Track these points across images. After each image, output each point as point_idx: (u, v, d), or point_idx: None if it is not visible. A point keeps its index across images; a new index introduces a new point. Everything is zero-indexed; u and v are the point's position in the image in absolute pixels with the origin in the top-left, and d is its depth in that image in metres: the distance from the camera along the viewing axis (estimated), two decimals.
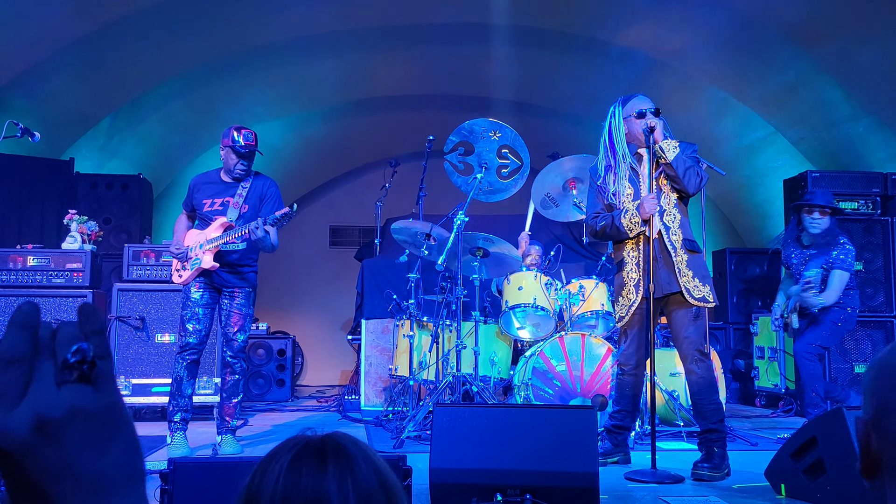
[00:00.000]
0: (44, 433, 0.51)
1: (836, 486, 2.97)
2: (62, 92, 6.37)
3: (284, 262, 9.87)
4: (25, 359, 0.53)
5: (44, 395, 0.52)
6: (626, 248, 3.90)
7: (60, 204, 6.32)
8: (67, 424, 0.52)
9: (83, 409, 0.52)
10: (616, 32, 6.68)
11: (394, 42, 7.13)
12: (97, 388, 0.54)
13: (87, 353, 0.53)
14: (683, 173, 3.74)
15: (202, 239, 4.27)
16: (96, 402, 0.53)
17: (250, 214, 4.26)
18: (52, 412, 0.51)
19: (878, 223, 6.00)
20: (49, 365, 0.53)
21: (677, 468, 3.66)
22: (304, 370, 9.29)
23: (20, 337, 0.53)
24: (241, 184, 4.34)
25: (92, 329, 0.55)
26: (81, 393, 0.53)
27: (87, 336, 0.55)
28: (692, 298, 3.73)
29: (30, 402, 0.51)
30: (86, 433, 0.52)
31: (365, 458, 0.76)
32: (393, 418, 5.29)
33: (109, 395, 0.54)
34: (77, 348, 0.53)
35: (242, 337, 4.31)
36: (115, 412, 0.54)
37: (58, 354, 0.53)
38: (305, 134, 8.69)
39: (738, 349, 7.32)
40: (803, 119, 6.99)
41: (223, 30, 6.43)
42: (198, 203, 4.36)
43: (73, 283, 5.32)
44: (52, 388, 0.52)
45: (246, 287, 4.35)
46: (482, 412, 3.07)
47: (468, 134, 5.13)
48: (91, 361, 0.53)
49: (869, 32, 5.74)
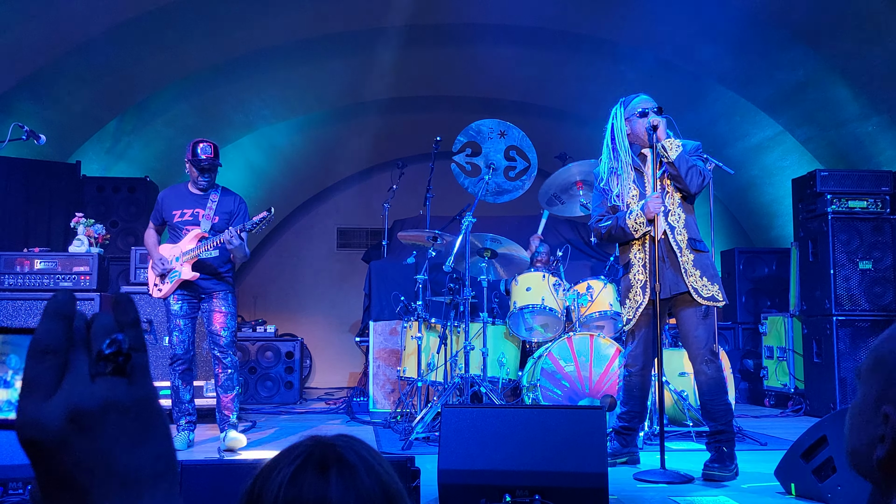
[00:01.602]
0: (78, 425, 0.51)
1: (846, 485, 2.95)
2: (68, 95, 6.39)
3: (292, 264, 9.88)
4: (60, 349, 0.52)
5: (78, 386, 0.51)
6: (632, 250, 3.89)
7: (67, 207, 6.33)
8: (101, 417, 0.51)
9: (117, 402, 0.52)
10: (623, 32, 6.66)
11: (400, 43, 7.13)
12: (132, 381, 0.53)
13: (122, 345, 0.52)
14: (686, 172, 3.72)
15: (177, 252, 4.44)
16: (130, 395, 0.52)
17: (221, 226, 4.44)
18: (86, 404, 0.51)
19: (887, 222, 5.97)
20: (84, 356, 0.53)
21: (687, 468, 3.64)
22: (312, 372, 9.29)
23: (55, 327, 0.52)
24: (210, 196, 4.51)
25: (127, 321, 0.54)
26: (116, 386, 0.52)
27: (123, 328, 0.54)
28: (700, 298, 3.71)
29: (64, 394, 0.51)
30: (120, 426, 0.52)
31: (368, 468, 0.74)
32: (401, 420, 5.28)
33: (144, 388, 0.53)
34: (112, 340, 0.52)
35: (227, 332, 4.42)
36: (149, 406, 0.53)
37: (93, 346, 0.53)
38: (312, 136, 8.69)
39: (747, 349, 7.29)
40: (812, 118, 6.95)
41: (229, 32, 6.44)
42: (168, 215, 4.52)
43: (80, 287, 5.33)
44: (86, 380, 0.52)
45: (224, 289, 4.48)
46: (490, 413, 3.05)
47: (475, 135, 5.12)
48: (126, 354, 0.52)
49: (877, 31, 5.70)
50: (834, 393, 5.77)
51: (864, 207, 5.97)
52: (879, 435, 0.81)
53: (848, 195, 5.98)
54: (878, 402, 0.83)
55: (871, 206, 5.98)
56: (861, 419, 0.86)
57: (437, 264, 5.44)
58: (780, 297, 7.18)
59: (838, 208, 5.95)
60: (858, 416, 0.86)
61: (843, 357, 5.82)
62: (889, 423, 0.80)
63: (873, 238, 5.94)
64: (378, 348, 6.28)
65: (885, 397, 0.82)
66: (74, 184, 6.69)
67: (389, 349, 6.31)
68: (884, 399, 0.82)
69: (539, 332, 5.36)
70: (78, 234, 5.47)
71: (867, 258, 5.92)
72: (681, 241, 3.77)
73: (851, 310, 5.88)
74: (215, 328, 4.42)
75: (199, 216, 4.46)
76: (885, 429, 0.81)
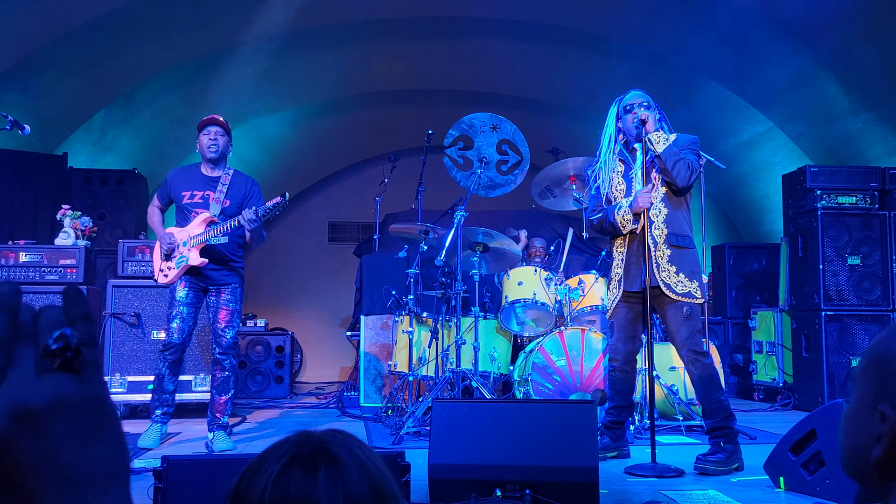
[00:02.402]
0: (22, 424, 0.48)
1: (835, 479, 2.97)
2: (55, 86, 6.32)
3: (283, 258, 9.84)
4: (3, 344, 0.49)
5: (23, 383, 0.49)
6: (615, 244, 3.96)
7: (54, 199, 6.27)
8: (48, 415, 0.49)
9: (65, 400, 0.49)
10: (615, 27, 6.66)
11: (392, 36, 7.10)
12: (81, 378, 0.50)
13: (70, 340, 0.50)
14: (673, 165, 3.73)
15: (185, 236, 4.20)
16: (80, 392, 0.50)
17: (232, 210, 4.22)
18: (31, 402, 0.48)
19: (875, 217, 5.99)
20: (30, 351, 0.50)
21: (677, 462, 3.65)
22: (303, 367, 9.27)
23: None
24: (221, 179, 4.30)
25: (77, 314, 0.52)
26: (64, 382, 0.50)
27: (72, 321, 0.51)
28: (674, 294, 3.71)
29: (7, 390, 0.48)
30: (68, 425, 0.49)
31: (358, 466, 0.72)
32: (392, 414, 5.27)
33: (94, 385, 0.51)
34: (60, 334, 0.50)
35: (231, 333, 4.25)
36: (99, 404, 0.51)
37: (39, 340, 0.50)
38: (303, 129, 8.64)
39: (737, 344, 7.32)
40: (802, 114, 6.97)
41: (219, 22, 6.39)
42: (176, 195, 4.30)
43: (66, 280, 5.28)
44: (31, 377, 0.49)
45: (233, 282, 4.29)
46: (481, 407, 3.04)
47: (468, 128, 5.10)
48: (75, 349, 0.50)
49: (868, 28, 5.72)
50: (822, 387, 5.81)
51: (853, 203, 6.00)
52: (876, 434, 0.80)
53: (837, 191, 6.00)
54: (874, 401, 0.82)
55: (860, 202, 6.00)
56: (856, 421, 0.84)
57: (429, 258, 5.42)
58: (769, 293, 7.21)
59: (828, 204, 5.97)
60: (854, 418, 0.85)
61: (831, 352, 5.85)
62: (886, 421, 0.79)
63: (862, 233, 5.97)
64: (369, 343, 6.26)
65: (880, 396, 0.81)
66: (61, 176, 6.62)
67: (381, 343, 6.29)
68: (879, 398, 0.81)
69: (530, 326, 5.36)
70: (64, 227, 5.41)
71: (856, 253, 5.95)
72: (657, 235, 3.77)
73: (840, 305, 5.91)
74: (220, 326, 4.23)
75: (209, 199, 4.22)
76: (882, 428, 0.79)
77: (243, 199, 4.28)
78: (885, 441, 0.79)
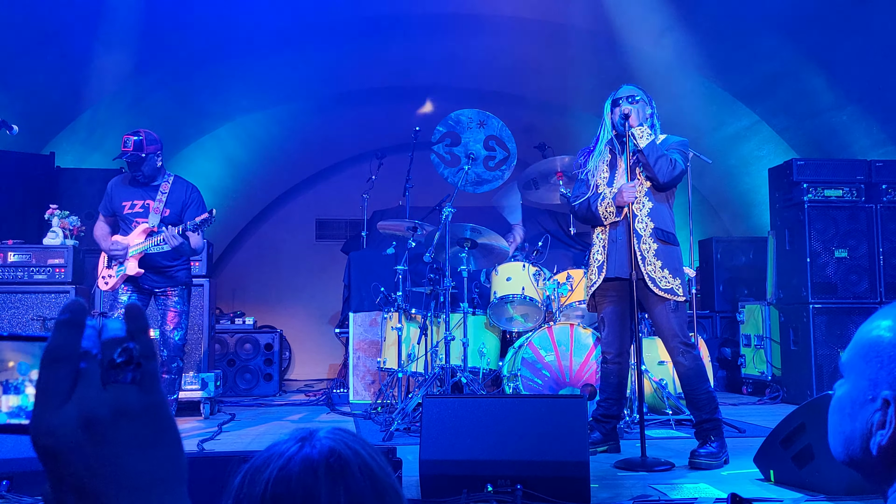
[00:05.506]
0: (90, 432, 0.52)
1: (824, 472, 2.98)
2: (42, 86, 6.27)
3: (271, 256, 9.81)
4: (73, 358, 0.54)
5: (90, 394, 0.53)
6: (596, 231, 3.98)
7: (41, 199, 6.22)
8: (113, 424, 0.53)
9: (128, 410, 0.54)
10: (601, 22, 6.66)
11: (380, 33, 7.07)
12: (142, 389, 0.55)
13: (133, 353, 0.55)
14: (655, 161, 3.75)
15: (126, 245, 4.27)
16: (141, 402, 0.54)
17: (172, 218, 4.28)
18: (98, 411, 0.53)
19: (862, 210, 6.04)
20: (96, 364, 0.55)
21: (667, 456, 3.67)
22: (291, 364, 9.25)
23: (68, 335, 0.54)
24: (161, 187, 4.33)
25: (138, 329, 0.56)
26: (127, 393, 0.54)
27: (133, 336, 0.56)
28: (657, 289, 3.73)
29: (77, 401, 0.53)
30: (131, 432, 0.53)
31: (361, 466, 0.73)
32: (382, 411, 5.27)
33: (154, 395, 0.55)
34: (124, 349, 0.55)
35: (179, 334, 4.30)
36: (159, 413, 0.55)
37: (104, 354, 0.55)
38: (290, 126, 8.60)
39: (725, 337, 7.36)
40: (788, 108, 7.01)
41: (206, 20, 6.35)
42: (117, 206, 4.35)
43: (55, 279, 5.24)
44: (98, 388, 0.54)
45: (178, 286, 4.34)
46: (472, 403, 3.05)
47: (455, 124, 5.10)
48: (137, 362, 0.55)
49: (853, 21, 5.75)
50: (811, 380, 5.85)
51: (839, 196, 6.04)
52: (879, 421, 0.80)
53: (824, 184, 6.04)
54: (873, 387, 0.82)
55: (846, 195, 6.05)
56: (851, 409, 0.84)
57: (417, 255, 5.42)
58: (757, 286, 7.25)
59: (814, 197, 6.01)
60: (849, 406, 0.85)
61: (819, 344, 5.90)
62: (891, 408, 0.79)
63: (849, 226, 6.02)
64: (358, 339, 6.26)
65: (881, 382, 0.81)
66: (49, 175, 6.57)
67: (369, 340, 6.29)
68: (880, 384, 0.81)
69: (519, 321, 5.37)
70: (52, 227, 5.38)
71: (843, 246, 5.99)
72: (641, 228, 3.79)
73: (828, 297, 5.95)
74: (168, 328, 4.26)
75: (149, 208, 4.26)
76: (886, 415, 0.79)
77: (183, 207, 4.33)
78: (891, 428, 0.79)
